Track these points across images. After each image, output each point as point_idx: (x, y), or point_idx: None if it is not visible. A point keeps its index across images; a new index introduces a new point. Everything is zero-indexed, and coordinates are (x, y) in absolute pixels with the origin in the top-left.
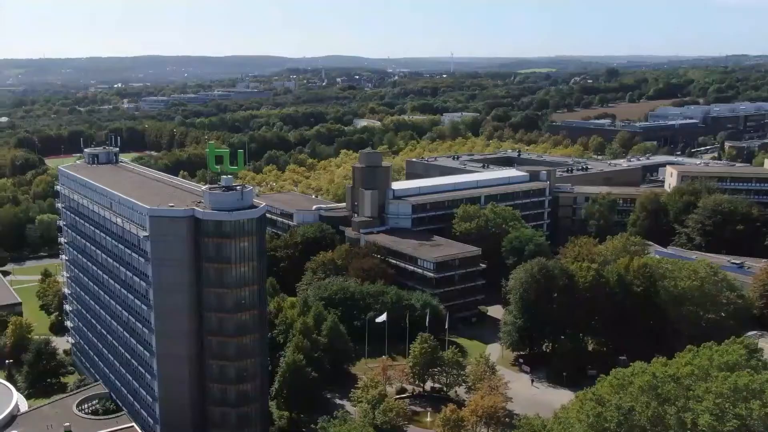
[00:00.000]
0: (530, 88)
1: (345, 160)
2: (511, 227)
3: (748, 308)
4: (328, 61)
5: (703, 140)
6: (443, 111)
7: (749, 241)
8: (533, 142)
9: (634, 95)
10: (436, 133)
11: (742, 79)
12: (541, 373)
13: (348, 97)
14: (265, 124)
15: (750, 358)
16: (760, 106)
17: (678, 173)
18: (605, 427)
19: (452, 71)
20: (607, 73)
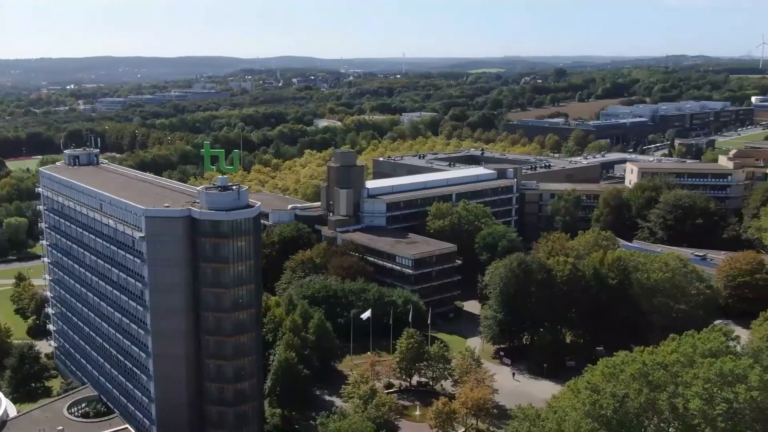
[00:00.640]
0: (483, 88)
1: (309, 160)
2: (483, 224)
3: (715, 298)
4: (282, 61)
5: (653, 138)
6: (401, 111)
7: (708, 235)
8: (491, 140)
9: (583, 95)
10: (397, 132)
11: (684, 79)
12: (521, 366)
13: (305, 97)
14: (226, 125)
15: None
16: (704, 104)
17: (638, 170)
18: (602, 414)
19: (404, 71)
20: (555, 73)
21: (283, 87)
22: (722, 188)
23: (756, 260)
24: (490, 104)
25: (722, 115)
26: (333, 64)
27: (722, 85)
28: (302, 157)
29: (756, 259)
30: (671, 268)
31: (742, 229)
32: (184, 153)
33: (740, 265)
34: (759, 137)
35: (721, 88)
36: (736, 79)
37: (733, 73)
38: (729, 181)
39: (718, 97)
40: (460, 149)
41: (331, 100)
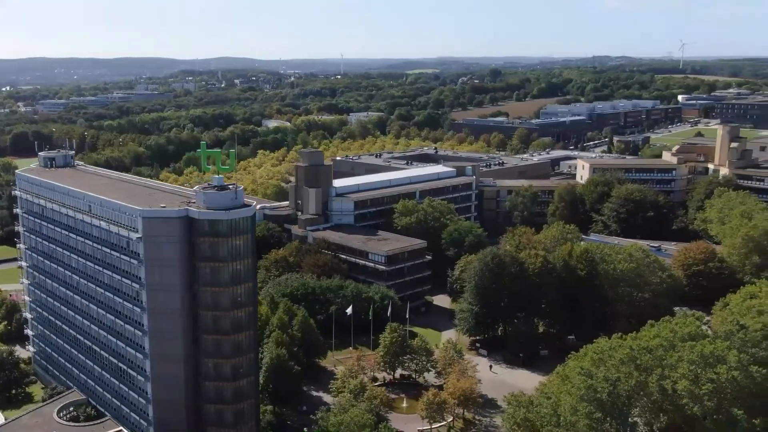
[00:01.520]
0: (423, 88)
1: (264, 161)
2: (449, 220)
3: (677, 286)
4: (220, 62)
5: (591, 135)
6: (347, 111)
7: (658, 227)
8: (438, 139)
9: (520, 94)
10: (346, 132)
11: (614, 79)
12: (497, 356)
13: (249, 98)
14: (175, 126)
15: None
16: (636, 103)
17: (590, 166)
18: (597, 398)
19: (343, 72)
20: (491, 73)
21: (226, 88)
22: (667, 182)
23: (708, 250)
24: (432, 104)
25: (653, 113)
26: (272, 65)
27: (649, 85)
28: (256, 158)
29: (708, 249)
30: (635, 259)
31: (688, 220)
32: (137, 155)
33: (694, 254)
34: (690, 134)
35: (649, 88)
36: (662, 78)
37: (658, 73)
38: (673, 176)
39: (647, 96)
40: (414, 148)
41: (276, 100)
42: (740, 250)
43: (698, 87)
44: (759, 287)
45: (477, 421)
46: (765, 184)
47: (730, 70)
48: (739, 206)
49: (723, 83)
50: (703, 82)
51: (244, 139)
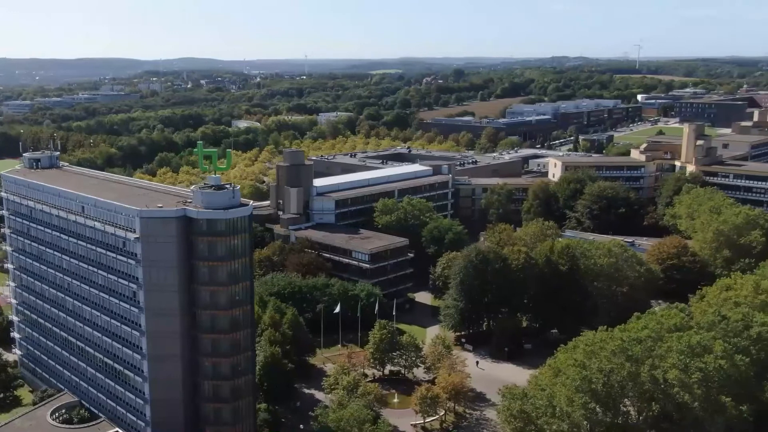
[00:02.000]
0: (388, 88)
1: (236, 161)
2: (428, 218)
3: (655, 280)
4: (184, 63)
5: (556, 134)
6: (316, 111)
7: (630, 222)
8: (408, 139)
9: (484, 94)
10: (317, 132)
11: (575, 79)
12: (482, 351)
13: (216, 98)
14: (144, 127)
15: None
16: (599, 102)
17: (562, 164)
18: (592, 388)
19: (307, 72)
20: (454, 73)
21: (192, 89)
22: (636, 179)
23: (681, 244)
24: (399, 104)
25: (615, 112)
26: (235, 66)
27: (609, 85)
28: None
29: (681, 244)
30: (614, 254)
31: (658, 216)
32: (109, 156)
33: (667, 249)
34: (651, 132)
35: (609, 87)
36: (620, 78)
37: (616, 73)
38: (642, 173)
39: (608, 96)
40: (387, 148)
41: (243, 101)
42: (711, 244)
43: (656, 87)
44: (734, 280)
45: (468, 415)
46: (730, 181)
47: (684, 70)
48: (708, 202)
49: (679, 83)
50: (660, 81)
51: (215, 140)
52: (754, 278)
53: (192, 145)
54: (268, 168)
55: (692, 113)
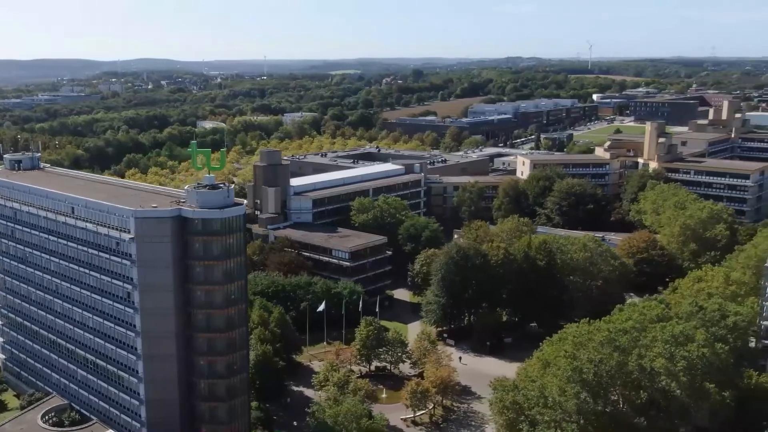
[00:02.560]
0: (350, 88)
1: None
2: (404, 216)
3: (628, 273)
4: (141, 63)
5: (518, 133)
6: (280, 111)
7: (597, 218)
8: (374, 138)
9: (444, 94)
10: (283, 132)
11: (531, 79)
12: (464, 345)
13: (179, 99)
14: (109, 128)
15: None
16: (557, 102)
17: (530, 162)
18: (583, 378)
19: (266, 73)
20: (413, 74)
21: (153, 90)
22: (601, 176)
23: (650, 239)
24: (362, 104)
25: (572, 111)
26: (194, 66)
27: (565, 85)
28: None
29: (650, 238)
30: (589, 249)
31: (624, 212)
32: (76, 157)
33: (637, 243)
34: (607, 130)
35: (565, 87)
36: (575, 78)
37: (569, 73)
38: (607, 170)
39: (564, 96)
40: (356, 147)
41: (205, 102)
42: (678, 238)
43: (610, 86)
44: (705, 272)
45: (456, 408)
46: (691, 177)
47: (633, 70)
48: (672, 198)
49: (631, 83)
50: (614, 81)
51: (182, 141)
52: (724, 270)
53: (159, 146)
54: (237, 168)
55: (647, 112)
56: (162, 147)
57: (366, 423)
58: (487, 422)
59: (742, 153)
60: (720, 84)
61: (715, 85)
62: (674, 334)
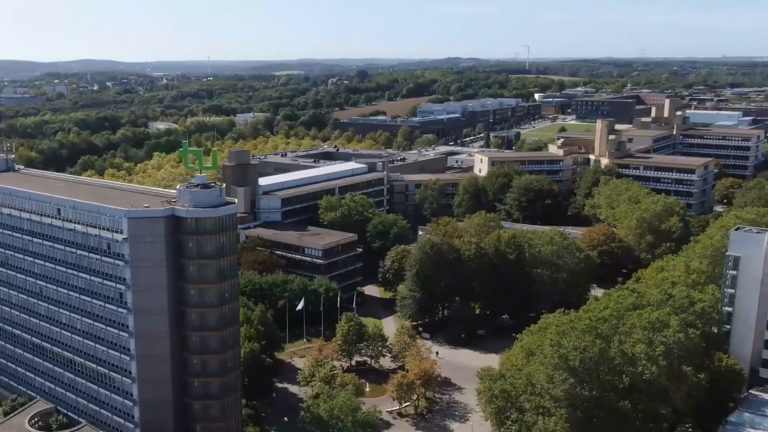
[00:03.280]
0: (297, 89)
1: (162, 163)
2: (371, 214)
3: (595, 265)
4: (83, 65)
5: (466, 132)
6: (231, 112)
7: (555, 213)
8: (327, 138)
9: (391, 94)
10: (236, 133)
11: (474, 79)
12: (439, 338)
13: (126, 100)
14: (59, 130)
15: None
16: (502, 101)
17: (488, 159)
18: (570, 365)
19: (210, 73)
20: (358, 74)
21: (99, 91)
22: (556, 172)
23: (609, 232)
24: (311, 104)
25: (517, 110)
26: (136, 67)
27: (507, 84)
28: (153, 160)
29: (609, 231)
30: (556, 242)
31: (579, 206)
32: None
33: (597, 236)
34: (551, 129)
35: (508, 87)
36: (516, 78)
37: (509, 73)
38: (561, 166)
39: (508, 95)
40: (315, 147)
41: (153, 102)
42: (635, 231)
43: (550, 86)
44: (666, 261)
45: (438, 399)
46: (641, 172)
47: (569, 70)
48: (626, 192)
49: (570, 82)
50: (553, 81)
51: (136, 142)
52: (684, 260)
53: (113, 147)
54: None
55: (587, 111)
56: (116, 148)
57: (362, 415)
58: (470, 411)
59: (684, 149)
60: (652, 83)
61: (647, 84)
62: (651, 321)
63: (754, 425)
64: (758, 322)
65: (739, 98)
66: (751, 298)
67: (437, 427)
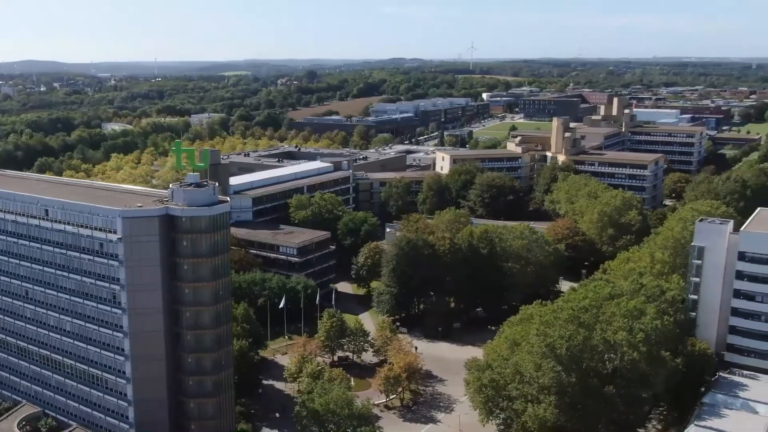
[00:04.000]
0: (248, 89)
1: (120, 164)
2: (341, 212)
3: (563, 258)
4: (26, 66)
5: (420, 131)
6: (185, 113)
7: (517, 208)
8: (284, 138)
9: (342, 94)
10: (193, 133)
11: (423, 79)
12: (417, 332)
13: (75, 102)
14: (12, 132)
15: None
16: (452, 101)
17: (450, 157)
18: (557, 354)
19: (157, 74)
20: (308, 75)
21: (47, 92)
22: (515, 169)
23: (572, 226)
24: (264, 104)
25: (467, 109)
26: (81, 68)
27: (455, 84)
28: (111, 161)
29: (572, 225)
30: (526, 236)
31: (539, 202)
32: None
33: (561, 230)
34: (501, 127)
35: (456, 87)
36: (463, 78)
37: (454, 73)
38: (519, 164)
39: (457, 95)
40: (276, 146)
41: (104, 103)
42: (597, 224)
43: (497, 86)
44: (632, 253)
45: (422, 391)
46: (596, 168)
47: (511, 70)
48: (584, 188)
49: (515, 82)
50: (499, 81)
51: (92, 143)
52: (648, 251)
53: (69, 148)
54: (153, 170)
55: (535, 109)
56: (73, 150)
57: (356, 408)
58: (454, 402)
59: (632, 146)
60: (591, 82)
61: (587, 83)
62: (629, 309)
63: (727, 405)
64: (722, 308)
65: (676, 97)
66: (715, 286)
67: (424, 418)
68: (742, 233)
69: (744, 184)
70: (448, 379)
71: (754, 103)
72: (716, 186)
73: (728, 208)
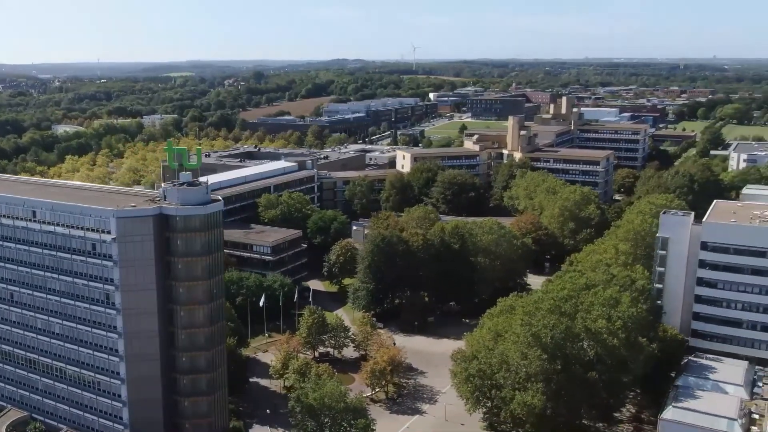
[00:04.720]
0: (195, 90)
1: (76, 166)
2: (309, 211)
3: (531, 251)
4: None
5: (372, 130)
6: (137, 114)
7: (477, 205)
8: (238, 139)
9: (291, 94)
10: (147, 134)
11: (370, 80)
12: (393, 327)
13: (21, 103)
14: None
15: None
16: (402, 101)
17: (411, 155)
18: (542, 342)
19: (100, 75)
20: (254, 75)
21: None
22: (473, 167)
23: (536, 221)
24: (215, 105)
25: (416, 109)
26: (22, 70)
27: (402, 85)
28: (66, 163)
29: (535, 220)
30: (495, 231)
31: (498, 198)
32: None
33: (525, 225)
34: (449, 126)
35: (403, 87)
36: (409, 79)
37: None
38: (477, 161)
39: (405, 95)
40: (236, 147)
41: (50, 105)
42: (558, 219)
43: (443, 86)
44: (598, 245)
45: (405, 384)
46: (551, 165)
47: (453, 71)
48: (543, 184)
49: (459, 82)
50: (445, 81)
51: (45, 145)
52: (613, 243)
53: (22, 151)
54: (110, 172)
55: (481, 109)
56: (26, 152)
57: (351, 401)
58: (437, 393)
59: (581, 143)
60: (531, 82)
61: (528, 83)
62: (606, 298)
63: (699, 387)
64: (686, 296)
65: (613, 96)
66: (679, 275)
67: (410, 409)
68: (705, 224)
69: (691, 179)
70: (428, 371)
71: (686, 102)
72: (666, 180)
73: (680, 201)
